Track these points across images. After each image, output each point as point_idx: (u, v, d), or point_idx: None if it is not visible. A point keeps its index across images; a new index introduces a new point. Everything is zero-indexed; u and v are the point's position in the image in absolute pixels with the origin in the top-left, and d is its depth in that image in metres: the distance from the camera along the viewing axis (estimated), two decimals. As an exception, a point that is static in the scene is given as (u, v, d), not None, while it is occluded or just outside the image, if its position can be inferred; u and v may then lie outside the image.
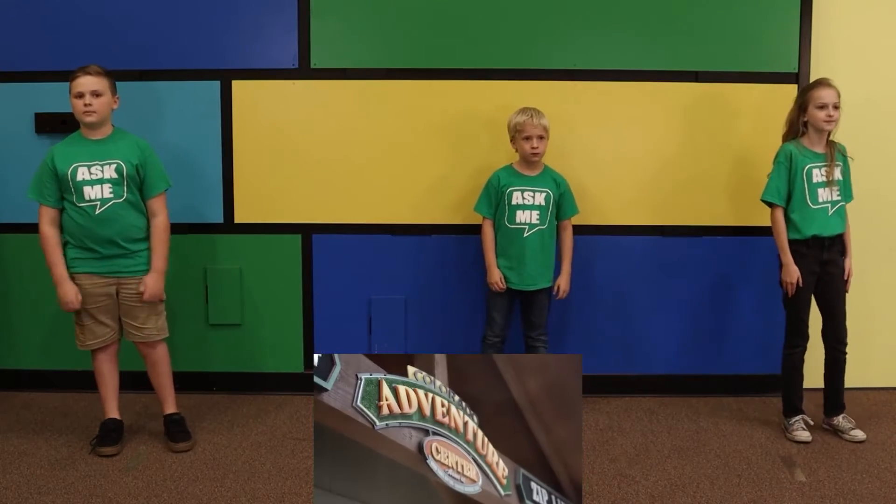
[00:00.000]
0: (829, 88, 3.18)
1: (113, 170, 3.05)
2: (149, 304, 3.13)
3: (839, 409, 3.33)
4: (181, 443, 3.15)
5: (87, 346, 3.15)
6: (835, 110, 3.18)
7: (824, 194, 3.23)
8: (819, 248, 3.23)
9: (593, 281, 3.76)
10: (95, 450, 3.08)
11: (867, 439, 3.26)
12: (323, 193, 3.72)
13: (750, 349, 3.81)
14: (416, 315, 3.80)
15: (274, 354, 3.82)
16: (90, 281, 3.07)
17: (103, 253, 3.05)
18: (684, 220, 3.75)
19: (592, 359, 3.73)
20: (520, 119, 3.35)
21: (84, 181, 3.02)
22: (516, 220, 3.38)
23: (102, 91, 3.04)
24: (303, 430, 3.38)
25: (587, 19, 3.66)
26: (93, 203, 3.02)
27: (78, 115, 3.05)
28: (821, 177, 3.22)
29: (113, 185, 3.04)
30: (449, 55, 3.66)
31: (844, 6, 3.68)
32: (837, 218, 3.25)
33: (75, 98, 3.04)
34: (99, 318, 3.11)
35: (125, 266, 3.09)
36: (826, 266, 3.25)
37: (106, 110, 3.08)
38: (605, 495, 2.81)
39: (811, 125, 3.23)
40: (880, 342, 3.84)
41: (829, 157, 3.23)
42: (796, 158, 3.22)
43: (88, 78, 3.03)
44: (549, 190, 3.40)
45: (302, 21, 3.63)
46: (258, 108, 3.68)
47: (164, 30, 3.62)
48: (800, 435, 3.26)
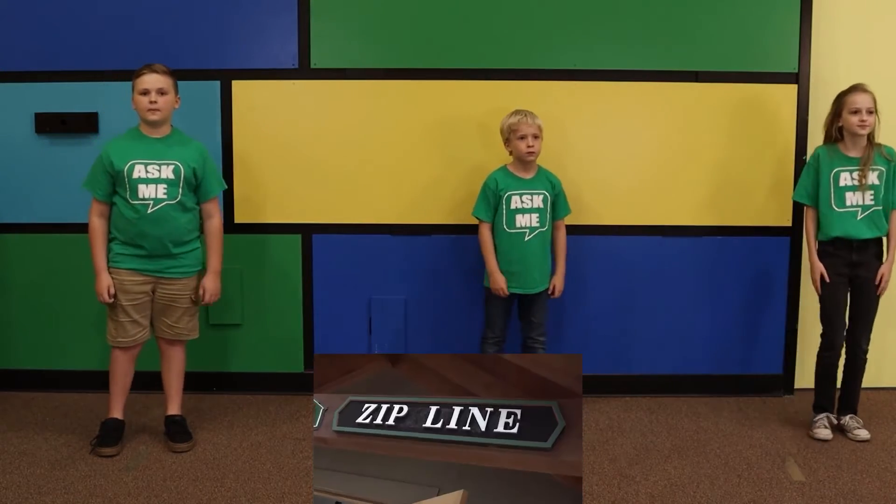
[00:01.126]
0: (863, 94, 3.18)
1: (171, 171, 3.05)
2: (185, 306, 3.17)
3: (850, 409, 3.34)
4: (181, 443, 3.15)
5: (117, 343, 3.13)
6: (868, 115, 3.17)
7: (853, 198, 3.22)
8: (847, 249, 3.23)
9: (593, 281, 3.76)
10: (95, 450, 3.08)
11: (868, 439, 3.26)
12: (323, 193, 3.72)
13: (750, 349, 3.81)
14: (416, 315, 3.80)
15: (274, 354, 3.83)
16: (130, 278, 3.08)
17: (149, 251, 3.06)
18: (684, 221, 3.75)
19: (593, 359, 3.73)
20: (514, 119, 3.35)
21: (140, 179, 3.03)
22: (516, 225, 3.37)
23: (167, 89, 3.05)
24: (303, 430, 3.38)
25: (587, 19, 3.66)
26: (146, 202, 3.03)
27: (142, 112, 3.05)
28: (850, 181, 3.22)
29: (168, 185, 3.05)
30: (448, 55, 3.66)
31: (844, 6, 3.68)
32: (868, 222, 3.23)
33: (140, 95, 3.03)
34: (133, 315, 3.11)
35: (168, 266, 3.10)
36: (856, 269, 3.25)
37: (169, 109, 3.08)
38: (605, 495, 2.81)
39: (846, 130, 3.23)
40: (880, 342, 3.84)
41: (865, 161, 3.21)
42: (823, 161, 3.25)
43: (155, 76, 3.03)
44: (545, 191, 3.40)
45: (302, 21, 3.63)
46: (258, 108, 3.68)
47: (165, 30, 3.62)
48: (820, 433, 3.28)
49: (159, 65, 3.08)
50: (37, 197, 3.68)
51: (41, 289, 3.75)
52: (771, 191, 3.71)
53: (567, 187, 3.52)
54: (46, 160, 3.66)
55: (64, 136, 3.65)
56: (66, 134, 3.65)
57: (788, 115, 3.68)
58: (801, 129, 3.68)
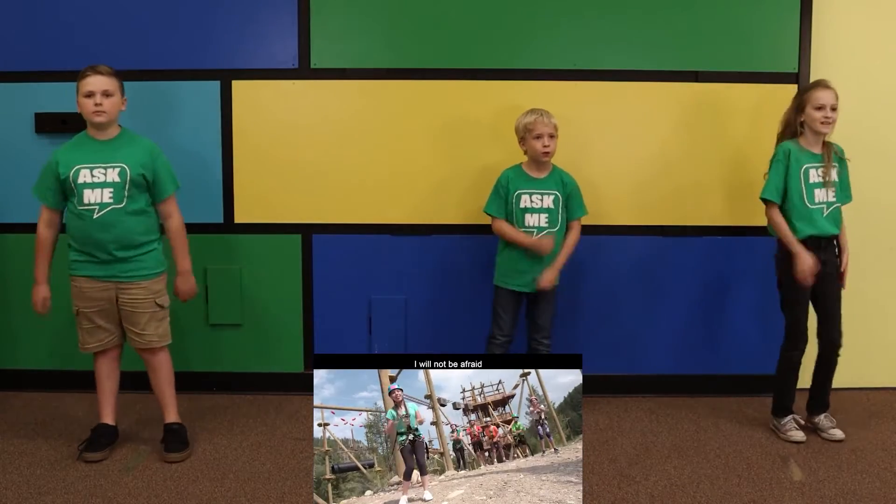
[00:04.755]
0: (827, 90, 3.18)
1: (116, 174, 2.99)
2: (150, 311, 3.08)
3: (823, 407, 3.34)
4: (174, 453, 3.07)
5: (87, 349, 3.12)
6: (832, 112, 3.17)
7: (820, 195, 3.22)
8: (815, 248, 3.22)
9: (593, 281, 3.76)
10: (82, 455, 3.04)
11: (867, 439, 3.26)
12: (323, 193, 3.72)
13: (749, 349, 3.81)
14: (416, 315, 3.80)
15: (274, 354, 3.83)
16: (89, 284, 3.05)
17: (101, 257, 3.01)
18: (684, 220, 3.75)
19: (592, 359, 3.72)
20: (529, 119, 3.34)
21: (85, 184, 2.98)
22: (525, 224, 3.37)
23: (113, 91, 2.99)
24: (303, 430, 3.38)
25: (587, 19, 3.66)
26: (91, 207, 2.97)
27: (87, 115, 3.00)
28: (817, 177, 3.21)
29: (114, 189, 2.98)
30: (448, 55, 3.66)
31: (844, 6, 3.68)
32: (832, 219, 3.24)
33: (84, 97, 2.98)
34: (97, 321, 3.08)
35: (123, 271, 3.03)
36: (823, 266, 3.24)
37: (115, 111, 3.02)
38: (605, 495, 2.81)
39: (808, 126, 3.22)
40: (880, 342, 3.85)
41: (826, 158, 3.22)
42: (794, 157, 3.22)
43: (99, 77, 2.97)
44: (556, 192, 3.39)
45: (302, 21, 3.63)
46: (258, 108, 3.68)
47: (165, 30, 3.62)
48: (794, 435, 3.27)
49: (104, 66, 3.01)
50: (37, 197, 3.68)
51: (41, 289, 3.74)
52: (771, 191, 3.71)
53: (566, 187, 3.52)
54: (46, 160, 3.65)
55: (64, 136, 3.63)
56: (66, 134, 3.62)
57: (788, 115, 3.69)
58: (801, 129, 3.68)
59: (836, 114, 3.18)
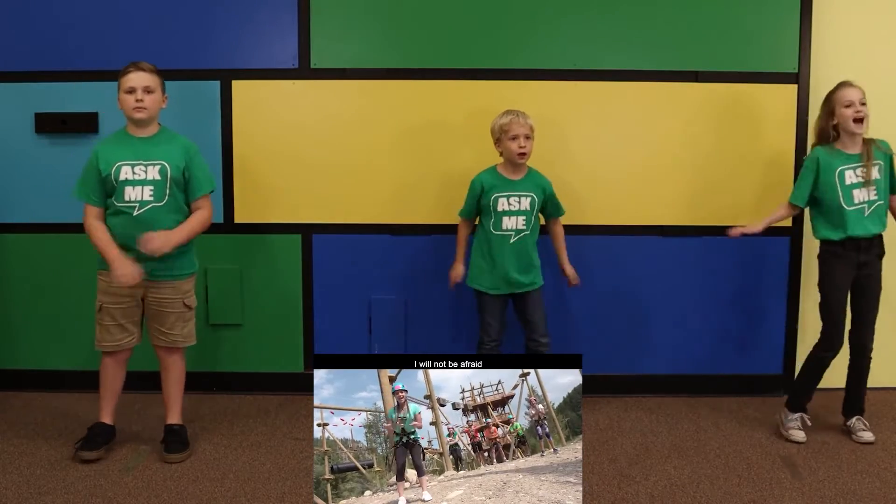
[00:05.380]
0: (852, 87, 3.18)
1: (156, 172, 2.98)
2: (177, 311, 3.07)
3: (858, 411, 3.32)
4: (174, 454, 3.07)
5: (103, 347, 3.09)
6: (862, 106, 3.15)
7: (860, 195, 3.19)
8: (854, 249, 3.19)
9: (593, 281, 3.75)
10: (77, 453, 3.03)
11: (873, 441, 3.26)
12: (323, 193, 3.72)
13: (749, 349, 3.81)
14: (416, 315, 3.80)
15: (274, 354, 3.83)
16: None
17: (137, 254, 2.96)
18: (684, 220, 3.75)
19: (592, 359, 3.72)
20: (505, 120, 3.32)
21: (126, 181, 2.96)
22: (503, 227, 3.36)
23: (154, 88, 2.99)
24: (303, 430, 3.38)
25: (587, 19, 3.66)
26: (132, 205, 2.97)
27: (128, 111, 2.99)
28: (855, 178, 3.19)
29: (154, 187, 2.97)
30: (448, 55, 3.66)
31: (844, 6, 3.68)
32: (875, 218, 3.21)
33: (125, 94, 2.97)
34: (119, 319, 3.06)
35: (156, 269, 3.01)
36: (862, 269, 3.21)
37: (156, 108, 3.02)
38: (605, 495, 2.81)
39: (841, 128, 3.20)
40: (879, 342, 3.83)
41: (866, 156, 3.19)
42: (824, 162, 3.20)
43: (141, 74, 2.97)
44: (533, 194, 3.38)
45: (302, 21, 3.63)
46: (258, 108, 3.68)
47: (164, 30, 3.62)
48: (795, 434, 3.27)
49: (145, 63, 3.01)
50: (37, 197, 3.68)
51: (41, 289, 3.75)
52: (771, 191, 3.70)
53: (566, 187, 3.52)
54: (46, 160, 3.66)
55: (64, 136, 3.65)
56: (66, 134, 3.65)
57: (788, 115, 3.69)
58: (801, 129, 3.68)
59: (866, 108, 3.16)
